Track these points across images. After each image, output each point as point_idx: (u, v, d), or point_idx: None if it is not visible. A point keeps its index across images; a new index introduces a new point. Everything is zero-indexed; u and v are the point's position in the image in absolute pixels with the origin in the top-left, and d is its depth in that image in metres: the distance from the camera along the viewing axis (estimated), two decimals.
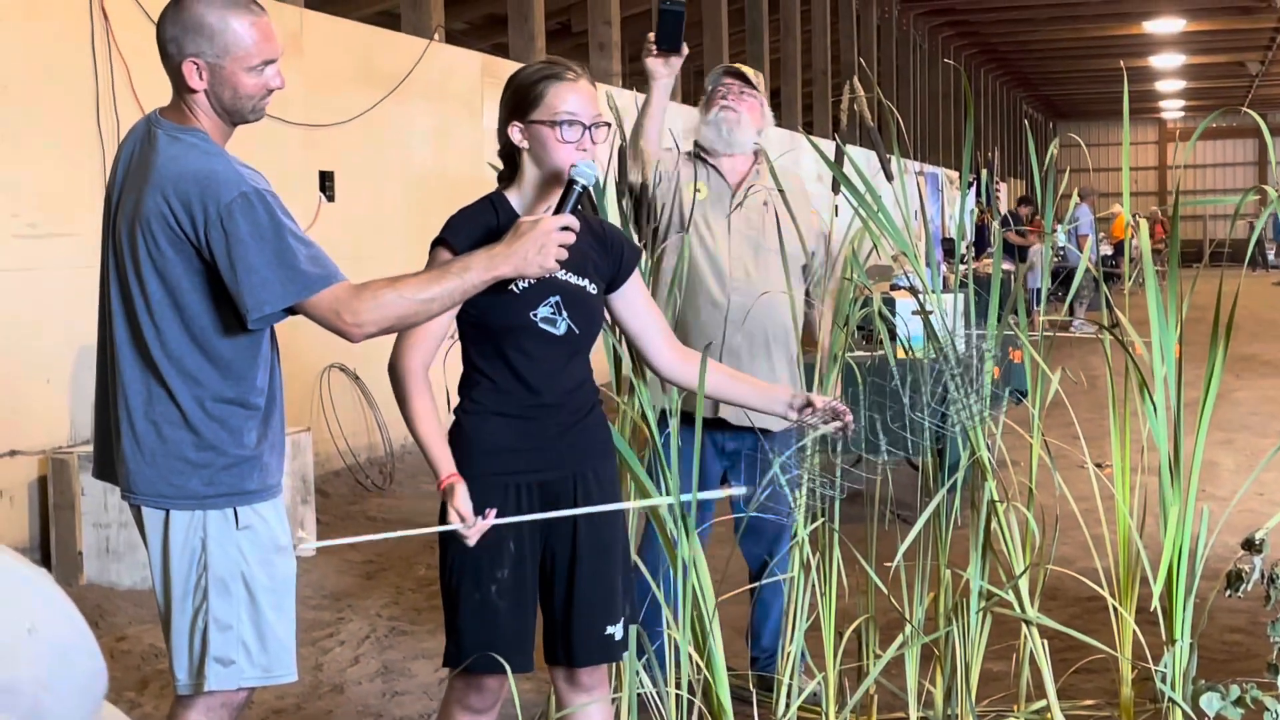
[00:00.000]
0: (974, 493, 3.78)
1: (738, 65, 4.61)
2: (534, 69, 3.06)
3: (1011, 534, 3.72)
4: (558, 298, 3.05)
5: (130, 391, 2.89)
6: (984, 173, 13.96)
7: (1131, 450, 3.68)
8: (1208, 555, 3.59)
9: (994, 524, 3.74)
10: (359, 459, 8.43)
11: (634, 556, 3.43)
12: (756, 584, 4.40)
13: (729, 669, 3.53)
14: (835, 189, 4.23)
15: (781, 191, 4.37)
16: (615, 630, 3.15)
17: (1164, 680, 3.52)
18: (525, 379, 3.05)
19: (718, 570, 3.95)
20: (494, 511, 2.94)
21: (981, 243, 19.93)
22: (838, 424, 3.22)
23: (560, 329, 3.05)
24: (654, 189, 4.26)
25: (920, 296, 3.79)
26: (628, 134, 3.89)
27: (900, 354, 4.56)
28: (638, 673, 3.11)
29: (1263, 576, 3.66)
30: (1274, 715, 3.44)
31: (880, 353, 4.44)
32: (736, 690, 3.55)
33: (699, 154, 4.46)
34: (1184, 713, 3.52)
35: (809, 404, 3.24)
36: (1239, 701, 3.48)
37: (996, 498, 3.72)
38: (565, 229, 2.85)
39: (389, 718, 4.58)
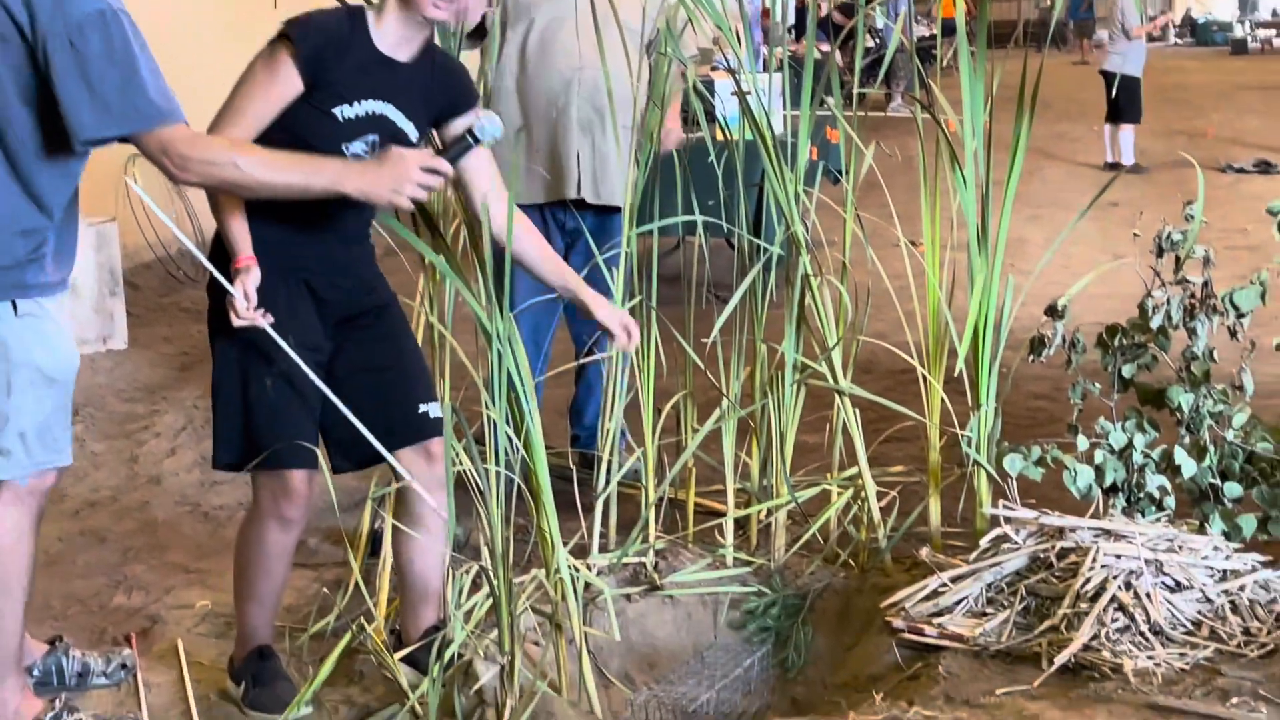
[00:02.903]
0: (789, 270, 3.82)
1: None
2: None
3: (825, 309, 3.78)
4: (376, 137, 3.01)
5: None
6: None
7: (942, 226, 3.75)
8: (1013, 325, 3.69)
9: (808, 300, 3.80)
10: (169, 250, 8.19)
11: None
12: (580, 363, 4.43)
13: (549, 448, 3.55)
14: None
15: None
16: (430, 408, 3.15)
17: (970, 444, 3.65)
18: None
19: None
20: (270, 318, 2.91)
21: (801, 25, 19.87)
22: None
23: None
24: None
25: (738, 77, 3.76)
26: None
27: (718, 135, 4.55)
28: (456, 452, 3.11)
29: (1064, 341, 3.79)
30: (1073, 473, 3.60)
31: (699, 134, 4.41)
32: (557, 469, 3.58)
33: None
34: (988, 474, 3.66)
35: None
36: (1040, 461, 3.63)
37: (811, 273, 3.76)
38: (435, 173, 2.82)
39: (207, 506, 4.55)
